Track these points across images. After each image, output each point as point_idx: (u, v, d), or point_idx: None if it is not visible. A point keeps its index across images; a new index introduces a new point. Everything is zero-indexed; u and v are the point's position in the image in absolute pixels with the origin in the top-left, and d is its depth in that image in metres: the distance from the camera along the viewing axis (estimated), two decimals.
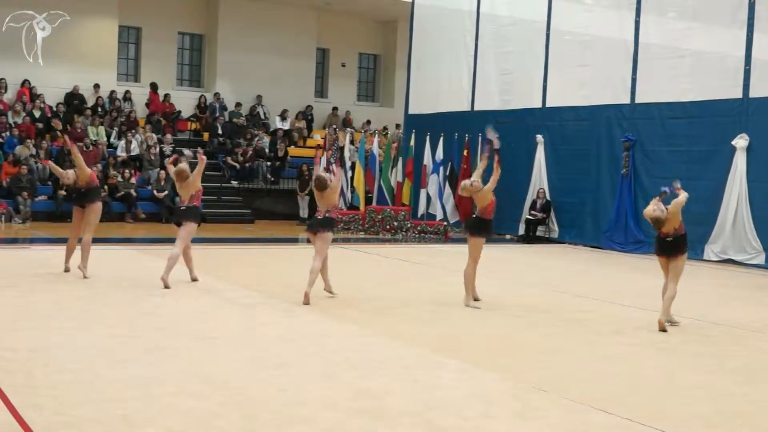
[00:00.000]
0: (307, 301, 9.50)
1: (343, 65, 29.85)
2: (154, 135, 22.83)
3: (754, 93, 15.98)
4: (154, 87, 25.20)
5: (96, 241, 11.83)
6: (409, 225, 20.11)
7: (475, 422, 5.52)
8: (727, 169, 16.24)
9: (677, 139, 17.32)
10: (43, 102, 22.95)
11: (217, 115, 25.68)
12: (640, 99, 18.14)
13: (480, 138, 20.75)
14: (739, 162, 16.09)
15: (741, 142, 16.06)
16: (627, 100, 18.38)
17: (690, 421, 5.81)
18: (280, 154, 24.29)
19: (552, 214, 20.00)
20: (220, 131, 24.93)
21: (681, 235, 9.05)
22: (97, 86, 24.15)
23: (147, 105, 25.09)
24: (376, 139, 22.93)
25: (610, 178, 18.70)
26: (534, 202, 20.16)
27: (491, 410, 5.82)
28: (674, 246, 9.03)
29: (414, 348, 7.69)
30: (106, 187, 20.24)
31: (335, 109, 28.61)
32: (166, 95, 25.44)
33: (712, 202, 16.34)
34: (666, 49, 17.65)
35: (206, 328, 8.17)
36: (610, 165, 18.71)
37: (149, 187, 21.31)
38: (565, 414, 5.81)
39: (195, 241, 11.60)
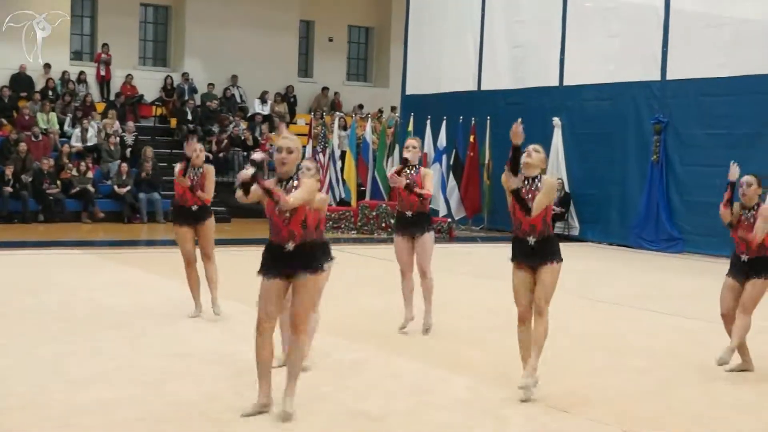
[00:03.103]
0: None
1: (331, 40, 29.84)
2: (113, 121, 22.76)
3: None
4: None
5: (46, 245, 11.80)
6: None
7: None
8: None
9: (716, 121, 17.31)
10: None
11: (186, 98, 25.64)
12: (672, 75, 18.13)
13: (488, 121, 20.78)
14: None
15: None
16: (657, 76, 18.37)
17: None
18: (249, 143, 23.98)
19: (572, 208, 19.99)
20: (189, 117, 24.90)
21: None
22: (47, 66, 24.07)
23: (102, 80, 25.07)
24: (369, 124, 22.89)
25: (638, 167, 18.69)
26: None
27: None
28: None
29: (415, 364, 7.70)
30: (58, 182, 20.24)
31: (325, 89, 28.58)
32: (128, 76, 25.37)
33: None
34: (702, 17, 17.63)
35: (179, 344, 8.16)
36: (638, 151, 18.71)
37: (109, 182, 21.25)
38: None
39: (164, 244, 11.59)
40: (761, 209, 7.60)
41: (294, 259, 5.93)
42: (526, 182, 6.82)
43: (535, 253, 6.77)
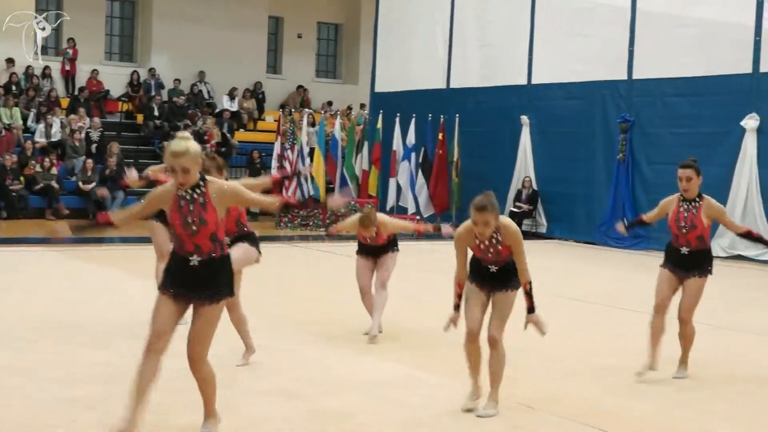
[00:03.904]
0: None
1: (300, 36, 29.82)
2: (81, 118, 22.66)
3: (765, 67, 16.22)
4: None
5: (11, 242, 11.76)
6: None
7: None
8: (736, 154, 16.48)
9: (680, 120, 17.53)
10: None
11: (153, 94, 25.55)
12: (638, 74, 18.32)
13: (457, 119, 20.88)
14: (749, 145, 16.32)
15: (751, 122, 16.30)
16: (624, 76, 18.57)
17: None
18: (217, 140, 23.94)
19: (539, 205, 20.16)
20: (156, 113, 24.82)
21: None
22: (10, 61, 23.91)
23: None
24: (338, 121, 22.89)
25: (604, 165, 18.88)
26: (519, 193, 20.32)
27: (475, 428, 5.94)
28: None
29: (384, 363, 7.78)
30: (22, 178, 20.14)
31: (300, 87, 28.55)
32: (93, 71, 25.25)
33: (719, 191, 16.47)
34: (668, 18, 17.84)
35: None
36: (605, 150, 18.89)
37: (73, 179, 21.16)
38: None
39: (131, 241, 11.58)
40: (708, 206, 7.37)
41: (198, 277, 5.20)
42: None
43: (495, 280, 6.39)
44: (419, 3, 23.20)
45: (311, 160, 22.05)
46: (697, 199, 7.44)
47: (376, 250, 8.86)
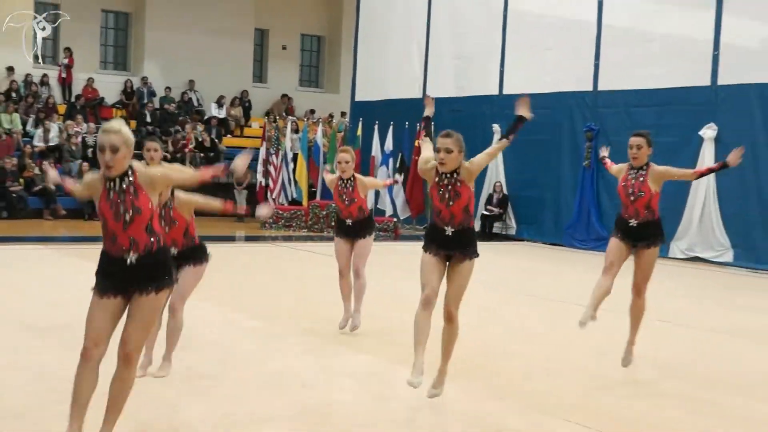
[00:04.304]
0: None
1: (284, 48, 29.76)
2: (78, 124, 22.52)
3: (722, 80, 16.30)
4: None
5: (10, 240, 11.67)
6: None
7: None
8: (695, 161, 16.51)
9: (643, 129, 17.51)
10: None
11: (145, 101, 25.45)
12: (603, 86, 18.39)
13: (432, 127, 20.82)
14: (707, 154, 16.38)
15: (709, 132, 16.38)
16: (590, 87, 18.63)
17: None
18: (207, 144, 23.93)
19: (509, 209, 20.20)
20: (148, 119, 24.71)
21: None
22: (10, 69, 23.75)
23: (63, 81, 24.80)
24: (320, 128, 22.86)
25: (571, 171, 18.94)
26: (490, 197, 20.34)
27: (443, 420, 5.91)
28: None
29: (363, 356, 7.75)
30: (21, 180, 20.01)
31: (284, 96, 28.49)
32: (89, 79, 25.11)
33: (678, 197, 16.62)
34: (632, 33, 17.90)
35: None
36: (571, 157, 18.94)
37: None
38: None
39: None
40: (653, 170, 7.32)
41: (136, 274, 4.68)
42: (443, 177, 6.20)
43: (451, 244, 6.10)
44: (397, 17, 23.19)
45: (295, 165, 22.05)
46: (645, 168, 7.36)
47: (354, 230, 8.56)
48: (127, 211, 4.62)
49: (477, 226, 20.02)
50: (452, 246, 6.06)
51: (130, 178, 4.65)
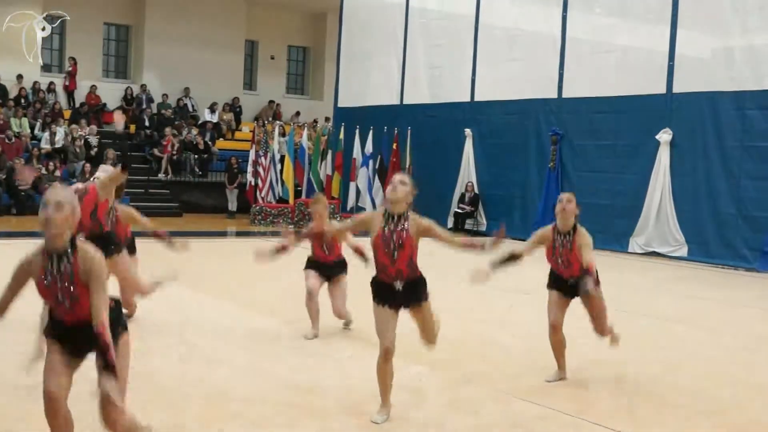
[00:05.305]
0: None
1: (272, 58, 29.62)
2: (82, 128, 22.34)
3: (677, 89, 16.26)
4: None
5: (19, 235, 11.46)
6: (338, 218, 20.02)
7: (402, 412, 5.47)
8: (652, 164, 16.51)
9: (603, 134, 17.54)
10: None
11: (144, 107, 25.26)
12: (567, 93, 18.32)
13: (409, 131, 20.78)
14: (663, 156, 16.35)
15: (665, 136, 16.33)
16: (554, 95, 18.56)
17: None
18: (201, 147, 23.78)
19: (480, 207, 20.11)
20: (147, 123, 24.52)
21: None
22: (20, 77, 23.48)
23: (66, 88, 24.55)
24: (305, 132, 22.76)
25: (537, 172, 18.86)
26: (462, 196, 20.25)
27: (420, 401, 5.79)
28: None
29: (346, 341, 7.63)
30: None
31: (272, 102, 28.33)
32: (92, 87, 24.91)
33: (636, 196, 16.61)
34: (593, 45, 17.85)
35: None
36: (537, 159, 18.87)
37: (75, 180, 20.78)
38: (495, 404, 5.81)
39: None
40: (580, 236, 6.53)
41: (88, 337, 3.89)
42: (391, 220, 5.32)
43: (404, 296, 5.39)
44: (377, 30, 23.07)
45: (282, 166, 21.94)
46: (573, 232, 6.65)
47: (327, 267, 7.88)
48: (66, 299, 3.94)
49: (450, 223, 19.96)
50: (404, 298, 5.39)
51: (70, 259, 3.89)
